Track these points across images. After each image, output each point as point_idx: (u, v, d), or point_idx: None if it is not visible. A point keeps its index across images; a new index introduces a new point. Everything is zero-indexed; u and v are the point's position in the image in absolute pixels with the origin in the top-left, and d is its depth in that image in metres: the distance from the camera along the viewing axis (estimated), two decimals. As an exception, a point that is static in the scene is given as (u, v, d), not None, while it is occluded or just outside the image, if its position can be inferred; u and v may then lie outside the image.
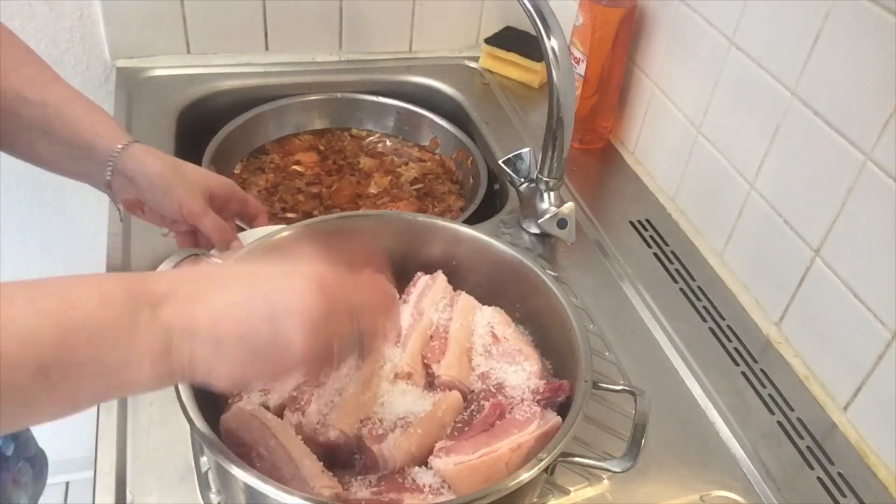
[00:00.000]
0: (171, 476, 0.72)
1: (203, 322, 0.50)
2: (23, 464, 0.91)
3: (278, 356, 0.52)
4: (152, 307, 0.49)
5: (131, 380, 0.49)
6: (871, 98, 0.77)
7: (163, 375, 0.50)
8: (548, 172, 0.99)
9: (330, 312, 0.53)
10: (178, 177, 0.81)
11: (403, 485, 0.64)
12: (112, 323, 0.48)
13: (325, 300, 0.53)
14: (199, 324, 0.50)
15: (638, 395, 0.71)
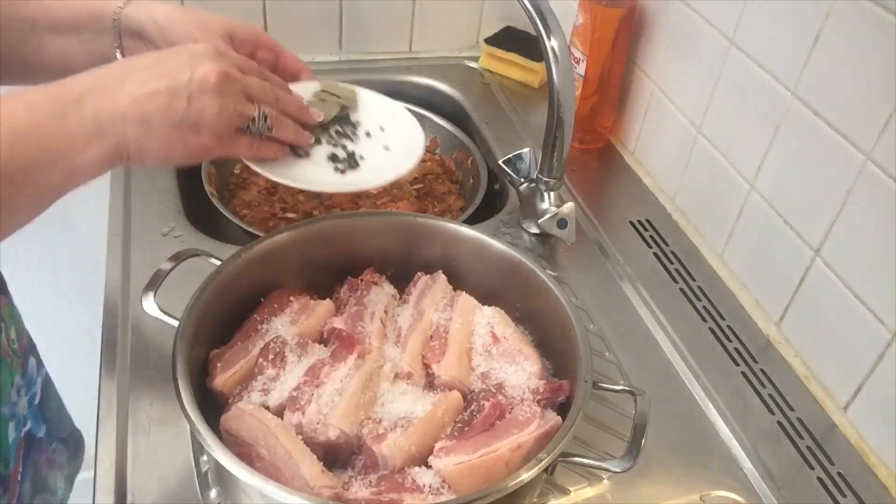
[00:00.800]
0: (171, 476, 0.72)
1: (125, 106, 0.60)
2: (57, 444, 0.91)
3: (194, 125, 0.63)
4: (76, 103, 0.58)
5: (80, 166, 0.59)
6: (871, 98, 0.77)
7: (104, 158, 0.60)
8: (548, 172, 0.99)
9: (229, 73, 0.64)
10: (190, 16, 0.75)
11: (403, 485, 0.64)
12: (44, 123, 0.57)
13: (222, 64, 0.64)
14: (122, 108, 0.59)
15: (638, 395, 0.71)
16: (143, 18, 0.74)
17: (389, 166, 0.80)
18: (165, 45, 0.74)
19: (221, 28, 0.76)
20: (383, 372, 0.73)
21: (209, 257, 0.79)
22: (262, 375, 0.72)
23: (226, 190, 1.14)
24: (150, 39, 0.75)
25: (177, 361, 0.66)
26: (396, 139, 0.84)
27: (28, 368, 0.86)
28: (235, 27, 0.77)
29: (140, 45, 0.75)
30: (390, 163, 0.81)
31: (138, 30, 0.74)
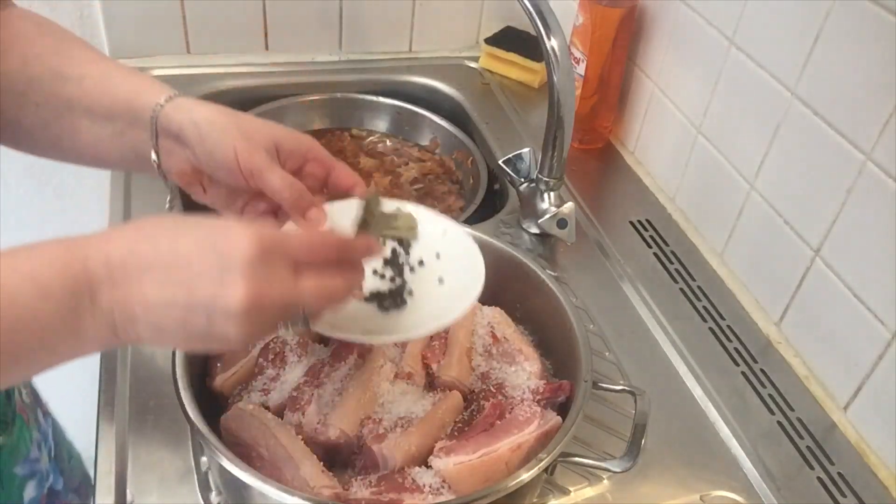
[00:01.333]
0: (171, 476, 0.72)
1: (140, 312, 0.51)
2: (72, 496, 0.91)
3: (217, 342, 0.53)
4: (91, 295, 0.50)
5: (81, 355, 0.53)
6: (871, 98, 0.77)
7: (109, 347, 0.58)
8: (548, 172, 0.99)
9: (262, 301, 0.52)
10: (234, 123, 0.66)
11: (403, 485, 0.64)
12: (54, 316, 0.49)
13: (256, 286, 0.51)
14: (136, 313, 0.51)
15: (638, 395, 0.71)
16: (182, 120, 0.66)
17: (443, 307, 0.67)
18: (204, 154, 0.66)
19: (267, 139, 0.67)
20: (383, 372, 0.73)
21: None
22: (262, 375, 0.72)
23: (226, 190, 1.14)
24: (187, 143, 0.66)
25: (177, 361, 0.66)
26: (453, 271, 0.71)
27: (40, 421, 0.86)
28: (282, 139, 0.68)
29: (176, 148, 0.68)
30: (444, 302, 0.68)
31: (176, 132, 0.66)
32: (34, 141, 0.72)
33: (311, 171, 0.69)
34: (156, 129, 0.67)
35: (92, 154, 0.71)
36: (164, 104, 0.67)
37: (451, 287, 0.69)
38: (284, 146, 0.68)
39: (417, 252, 0.71)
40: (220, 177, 0.67)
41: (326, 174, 0.70)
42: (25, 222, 1.47)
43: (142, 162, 0.70)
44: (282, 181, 0.65)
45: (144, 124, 0.67)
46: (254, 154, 0.65)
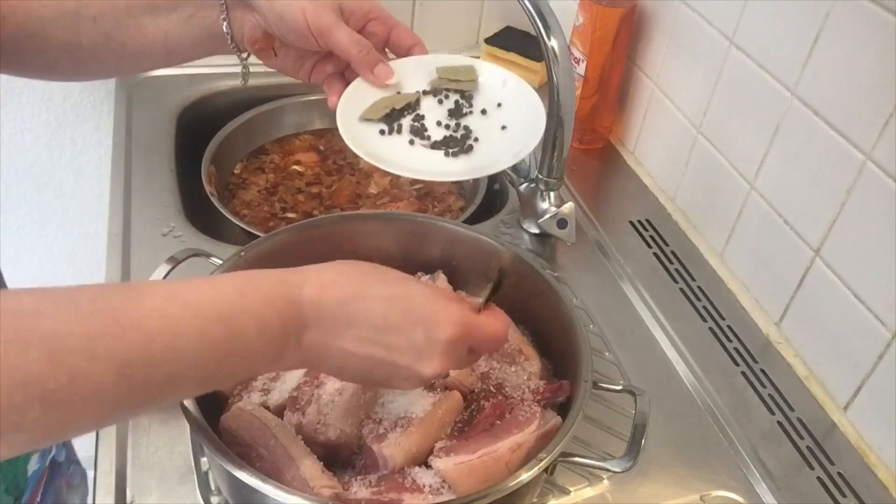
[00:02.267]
0: (171, 476, 0.72)
1: (333, 358, 0.56)
2: (74, 466, 0.91)
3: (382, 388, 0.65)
4: (297, 334, 0.54)
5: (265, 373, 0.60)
6: (871, 98, 0.77)
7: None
8: (548, 172, 0.99)
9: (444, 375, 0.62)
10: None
11: (403, 485, 0.64)
12: (265, 350, 0.52)
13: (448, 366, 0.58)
14: (331, 358, 0.56)
15: (638, 395, 0.71)
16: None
17: (506, 149, 0.73)
18: (274, 17, 0.69)
19: (332, 1, 0.70)
20: (383, 372, 0.73)
21: (209, 257, 0.79)
22: (262, 375, 0.72)
23: (226, 190, 1.14)
24: (257, 9, 0.69)
25: (177, 361, 0.66)
26: (514, 118, 0.76)
27: None
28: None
29: (247, 16, 0.70)
30: (507, 146, 0.73)
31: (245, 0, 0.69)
32: (98, 59, 0.72)
33: (372, 30, 0.72)
34: (225, 2, 0.70)
35: (162, 49, 0.72)
36: None
37: (514, 133, 0.74)
38: (347, 6, 0.70)
39: (480, 102, 0.76)
40: (290, 39, 0.70)
41: (388, 33, 0.73)
42: (25, 222, 1.47)
43: (213, 41, 0.73)
44: (349, 38, 0.68)
45: (211, 3, 0.70)
46: (321, 14, 0.67)
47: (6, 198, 1.43)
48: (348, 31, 0.69)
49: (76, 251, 1.53)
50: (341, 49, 0.68)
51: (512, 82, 0.77)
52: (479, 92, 0.76)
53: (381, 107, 0.73)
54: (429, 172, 0.69)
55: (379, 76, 0.70)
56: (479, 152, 0.72)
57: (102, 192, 1.06)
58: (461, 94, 0.76)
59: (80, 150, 1.43)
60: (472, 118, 0.74)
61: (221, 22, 0.70)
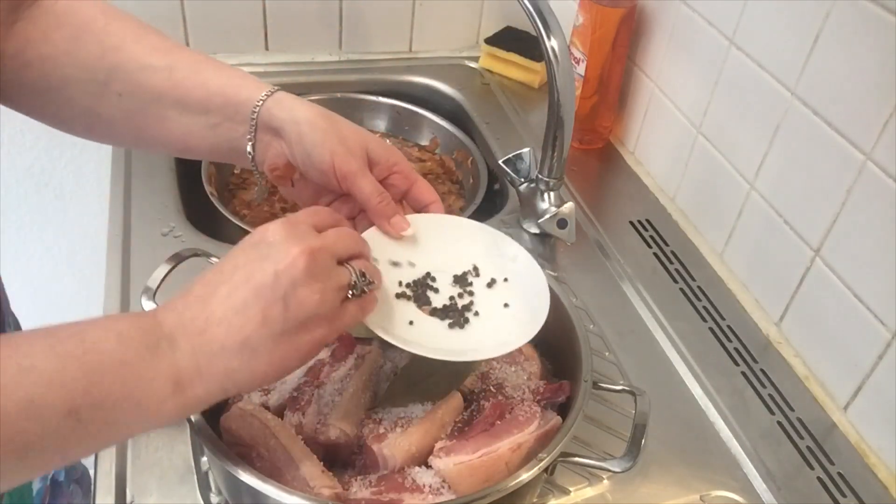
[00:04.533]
0: (171, 476, 0.72)
1: (220, 336, 0.52)
2: (73, 486, 0.91)
3: (300, 324, 0.54)
4: (169, 339, 0.51)
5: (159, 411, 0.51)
6: (871, 98, 0.77)
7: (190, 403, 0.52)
8: (548, 172, 0.99)
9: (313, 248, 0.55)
10: (333, 127, 0.68)
11: (403, 485, 0.64)
12: (133, 359, 0.49)
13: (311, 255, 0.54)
14: (218, 340, 0.52)
15: (638, 395, 0.71)
16: (284, 118, 0.67)
17: (505, 332, 0.67)
18: (301, 153, 0.67)
19: (361, 147, 0.68)
20: (383, 372, 0.73)
21: (209, 257, 0.79)
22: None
23: (226, 190, 1.14)
24: (286, 140, 0.68)
25: (177, 361, 0.66)
26: (518, 297, 0.71)
27: None
28: (374, 147, 0.70)
29: (273, 142, 0.69)
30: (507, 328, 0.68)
31: (277, 128, 0.68)
32: (113, 131, 0.71)
33: (394, 182, 0.71)
34: (255, 124, 0.68)
35: (181, 145, 0.71)
36: (266, 99, 0.68)
37: (517, 313, 0.69)
38: (375, 155, 0.69)
39: (488, 272, 0.72)
40: (313, 176, 0.69)
41: (408, 187, 0.72)
42: (25, 222, 1.47)
43: (233, 153, 0.71)
44: (372, 187, 0.67)
45: (243, 119, 0.68)
46: (350, 160, 0.66)
47: (6, 198, 1.43)
48: (372, 179, 0.68)
49: (76, 251, 1.53)
50: (363, 196, 0.68)
51: (522, 258, 0.73)
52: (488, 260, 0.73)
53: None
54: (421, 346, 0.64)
55: (395, 227, 0.69)
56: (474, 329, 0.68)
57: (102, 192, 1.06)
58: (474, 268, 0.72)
59: (80, 150, 1.43)
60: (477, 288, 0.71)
61: (246, 142, 0.70)
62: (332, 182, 0.68)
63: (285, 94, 0.69)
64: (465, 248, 0.73)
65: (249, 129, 0.69)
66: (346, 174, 0.67)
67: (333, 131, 0.67)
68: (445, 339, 0.66)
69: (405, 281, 0.69)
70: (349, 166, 0.66)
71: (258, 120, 0.68)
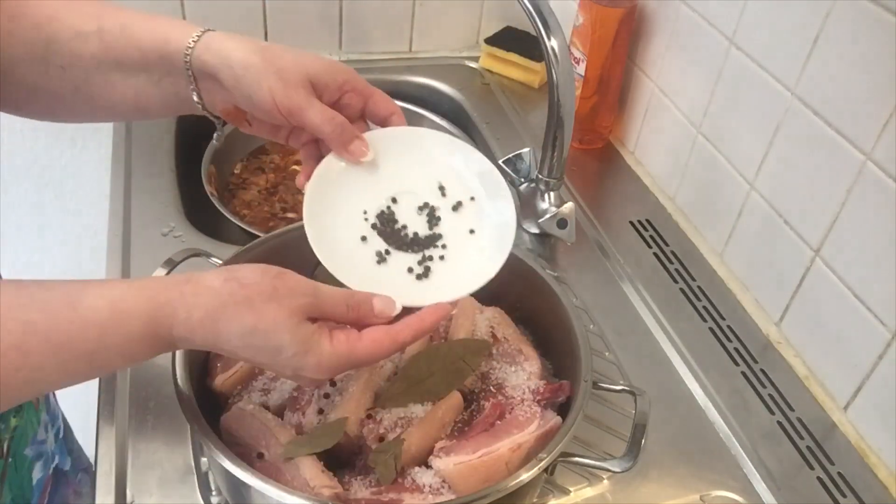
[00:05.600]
0: (171, 476, 0.72)
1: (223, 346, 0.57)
2: (81, 475, 0.91)
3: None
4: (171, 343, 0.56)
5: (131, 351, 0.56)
6: (871, 98, 0.77)
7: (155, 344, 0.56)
8: (548, 172, 0.99)
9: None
10: (268, 62, 0.64)
11: (403, 485, 0.64)
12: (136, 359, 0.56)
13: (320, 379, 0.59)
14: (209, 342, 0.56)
15: (638, 395, 0.71)
16: (216, 63, 0.65)
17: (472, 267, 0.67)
18: (241, 95, 0.66)
19: (302, 76, 0.66)
20: (383, 372, 0.73)
21: (209, 257, 0.79)
22: (262, 375, 0.72)
23: (226, 190, 1.14)
24: (224, 85, 0.66)
25: (176, 361, 0.66)
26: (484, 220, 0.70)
27: (50, 402, 0.86)
28: (318, 72, 0.67)
29: (216, 87, 0.68)
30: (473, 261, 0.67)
31: (212, 73, 0.66)
32: (68, 106, 0.70)
33: (348, 101, 0.69)
34: (192, 74, 0.67)
35: (132, 107, 0.70)
36: (194, 46, 0.66)
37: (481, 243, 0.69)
38: (321, 79, 0.67)
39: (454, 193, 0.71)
40: (261, 116, 0.68)
41: (364, 103, 0.70)
42: (25, 222, 1.47)
43: (184, 104, 0.70)
44: (321, 117, 0.65)
45: (179, 70, 0.67)
46: (291, 94, 0.64)
47: (6, 198, 1.43)
48: (320, 108, 0.66)
49: (76, 251, 1.53)
50: (313, 128, 0.66)
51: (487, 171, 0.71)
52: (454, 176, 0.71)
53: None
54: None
55: (354, 153, 0.67)
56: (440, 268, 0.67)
57: (102, 192, 1.06)
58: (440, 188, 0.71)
59: (80, 150, 1.43)
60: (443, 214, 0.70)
61: (191, 93, 0.68)
62: (280, 119, 0.66)
63: (214, 34, 0.67)
64: (430, 163, 0.71)
65: (189, 81, 0.67)
66: (291, 109, 0.65)
67: (269, 67, 0.64)
68: (411, 283, 0.66)
69: (370, 211, 0.68)
70: (291, 101, 0.64)
71: (192, 69, 0.66)
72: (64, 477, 0.86)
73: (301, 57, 0.67)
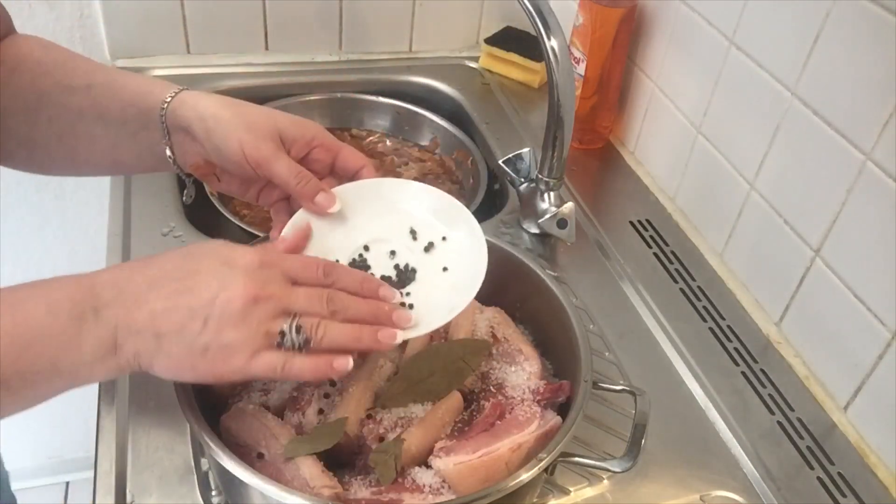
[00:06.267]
0: (171, 476, 0.72)
1: (142, 320, 0.55)
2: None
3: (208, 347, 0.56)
4: (95, 311, 0.55)
5: (85, 377, 0.56)
6: (871, 98, 0.77)
7: (112, 370, 0.56)
8: (548, 172, 0.99)
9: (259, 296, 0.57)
10: (238, 116, 0.68)
11: (403, 485, 0.64)
12: (60, 331, 0.54)
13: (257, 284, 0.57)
14: (139, 322, 0.55)
15: (638, 395, 0.71)
16: (189, 116, 0.68)
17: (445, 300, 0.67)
18: (211, 147, 0.68)
19: (271, 129, 0.68)
20: (383, 372, 0.73)
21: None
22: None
23: (226, 190, 1.14)
24: (196, 137, 0.69)
25: (177, 361, 0.66)
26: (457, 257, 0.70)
27: None
28: (286, 126, 0.69)
29: (187, 142, 0.70)
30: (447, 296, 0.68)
31: (185, 127, 0.69)
32: (50, 156, 0.74)
33: (317, 156, 0.71)
34: (166, 127, 0.70)
35: (110, 160, 0.74)
36: (170, 101, 0.69)
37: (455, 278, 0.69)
38: (288, 134, 0.69)
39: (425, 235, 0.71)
40: (230, 168, 0.70)
41: (333, 158, 0.71)
42: (25, 222, 1.47)
43: (158, 160, 0.73)
44: (288, 170, 0.67)
45: (155, 124, 0.70)
46: (259, 146, 0.66)
47: (6, 198, 1.42)
48: (287, 162, 0.67)
49: (76, 251, 1.53)
50: (280, 181, 0.68)
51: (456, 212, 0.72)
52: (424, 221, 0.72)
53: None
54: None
55: (319, 205, 0.68)
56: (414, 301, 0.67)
57: (102, 192, 1.06)
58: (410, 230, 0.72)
59: (80, 150, 1.43)
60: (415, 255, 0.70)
61: (164, 147, 0.71)
62: (249, 171, 0.68)
63: (190, 92, 0.70)
64: (400, 211, 0.72)
65: (163, 134, 0.70)
66: (259, 161, 0.67)
67: (239, 120, 0.67)
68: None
69: (342, 260, 0.69)
70: (260, 153, 0.66)
71: (167, 122, 0.69)
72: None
73: (271, 113, 0.70)
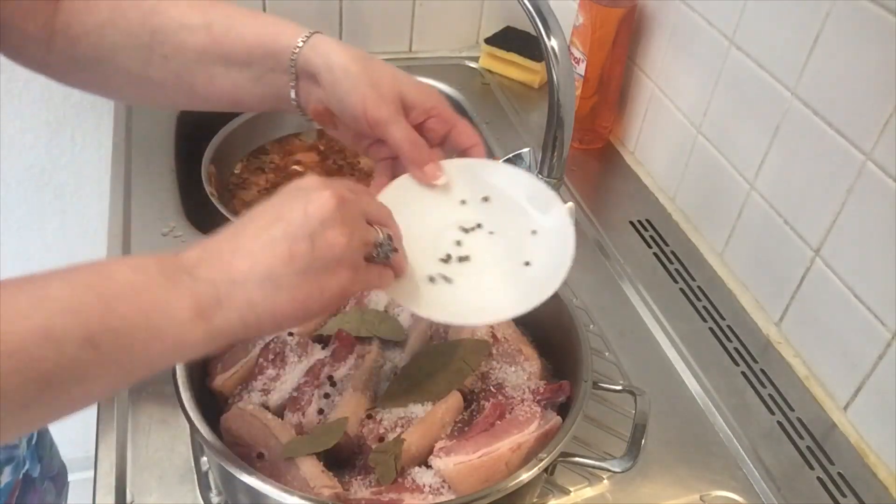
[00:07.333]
0: (171, 476, 0.72)
1: (244, 268, 0.52)
2: (48, 483, 0.91)
3: (325, 265, 0.53)
4: (188, 271, 0.51)
5: (184, 343, 0.50)
6: (871, 98, 0.77)
7: (213, 333, 0.51)
8: (548, 172, 0.98)
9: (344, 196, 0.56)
10: (366, 72, 0.67)
11: (403, 485, 0.64)
12: (150, 286, 0.49)
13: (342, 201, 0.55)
14: (241, 271, 0.51)
15: (638, 395, 0.71)
16: (318, 63, 0.67)
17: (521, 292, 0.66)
18: (335, 97, 0.68)
19: (395, 91, 0.67)
20: (383, 372, 0.73)
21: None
22: (262, 375, 0.72)
23: (226, 190, 1.14)
24: (322, 86, 0.68)
25: (177, 361, 0.66)
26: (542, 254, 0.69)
27: None
28: (409, 91, 0.68)
29: (313, 88, 0.69)
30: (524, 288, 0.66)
31: (313, 73, 0.68)
32: (166, 93, 0.73)
33: (432, 126, 0.70)
34: (296, 72, 0.69)
35: (229, 99, 0.73)
36: (303, 46, 0.68)
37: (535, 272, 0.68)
38: (410, 99, 0.68)
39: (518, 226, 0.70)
40: (347, 122, 0.69)
41: (448, 130, 0.71)
42: (25, 222, 1.47)
43: (280, 102, 0.72)
44: (403, 134, 0.67)
45: (284, 68, 0.69)
46: (381, 106, 0.66)
47: (6, 198, 1.43)
48: (404, 126, 0.67)
49: (76, 251, 1.53)
50: (393, 143, 0.68)
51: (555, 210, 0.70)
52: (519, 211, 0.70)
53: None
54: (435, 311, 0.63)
55: (427, 175, 0.69)
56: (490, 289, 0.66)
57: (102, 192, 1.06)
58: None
59: (80, 150, 1.43)
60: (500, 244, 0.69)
61: (290, 90, 0.70)
62: (365, 128, 0.67)
63: (321, 37, 0.69)
64: (499, 197, 0.71)
65: (291, 78, 0.69)
66: (378, 121, 0.66)
67: (365, 76, 0.66)
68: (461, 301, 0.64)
69: (430, 232, 0.68)
70: (380, 113, 0.66)
71: (297, 67, 0.69)
72: (31, 484, 0.86)
73: (398, 75, 0.69)
